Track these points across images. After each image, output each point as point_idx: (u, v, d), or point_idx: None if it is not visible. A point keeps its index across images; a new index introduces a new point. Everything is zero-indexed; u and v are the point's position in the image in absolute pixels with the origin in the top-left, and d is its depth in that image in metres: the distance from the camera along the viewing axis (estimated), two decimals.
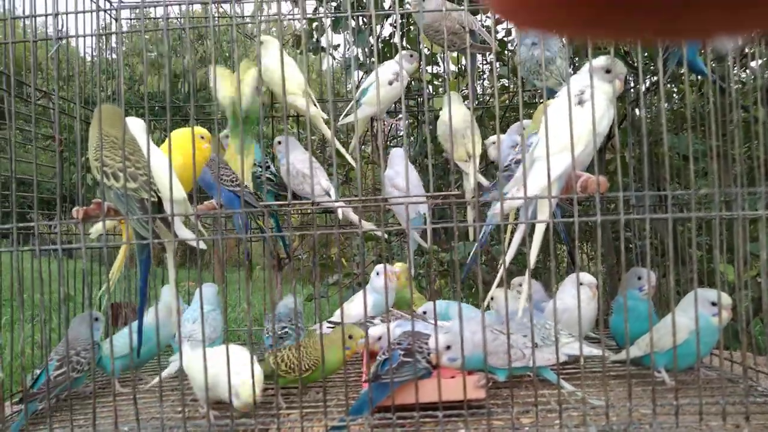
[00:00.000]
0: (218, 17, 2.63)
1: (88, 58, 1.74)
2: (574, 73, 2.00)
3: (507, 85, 2.84)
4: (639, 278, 1.71)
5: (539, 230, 1.30)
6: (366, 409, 1.25)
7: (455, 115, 1.91)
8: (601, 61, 1.31)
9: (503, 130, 2.13)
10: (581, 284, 1.67)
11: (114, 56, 2.20)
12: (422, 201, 1.65)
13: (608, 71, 1.28)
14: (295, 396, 1.50)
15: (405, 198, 1.47)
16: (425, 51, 2.69)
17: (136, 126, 1.43)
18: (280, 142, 2.10)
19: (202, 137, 1.46)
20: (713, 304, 1.45)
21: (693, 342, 1.35)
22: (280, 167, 2.11)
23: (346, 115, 2.14)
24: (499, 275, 1.44)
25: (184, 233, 1.36)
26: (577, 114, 1.19)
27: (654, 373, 1.44)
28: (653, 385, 1.23)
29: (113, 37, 2.17)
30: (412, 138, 3.01)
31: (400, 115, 2.25)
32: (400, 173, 1.85)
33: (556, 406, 1.24)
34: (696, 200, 1.46)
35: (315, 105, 2.01)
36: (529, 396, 1.32)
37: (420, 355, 1.32)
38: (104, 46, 1.90)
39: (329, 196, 1.97)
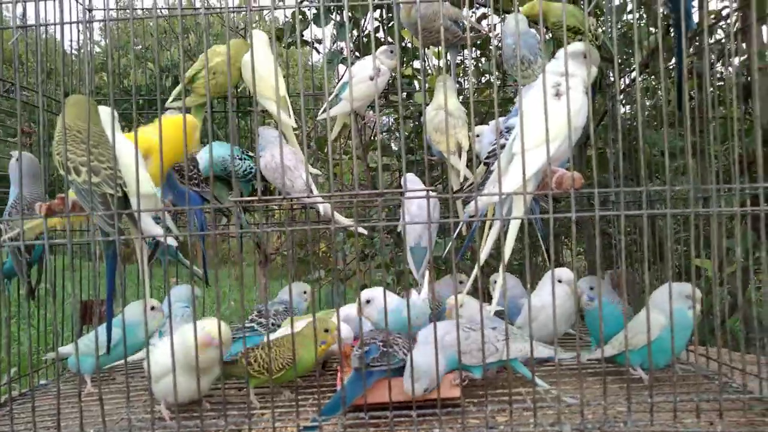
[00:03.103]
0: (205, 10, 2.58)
1: (69, 50, 1.68)
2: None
3: (491, 80, 2.82)
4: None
5: (514, 226, 1.28)
6: (339, 408, 1.23)
7: (450, 103, 1.89)
8: (577, 46, 1.29)
9: (483, 123, 2.13)
10: (560, 281, 1.67)
11: (98, 49, 2.13)
12: (420, 196, 1.62)
13: (585, 56, 1.26)
14: (269, 395, 1.47)
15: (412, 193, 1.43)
16: (408, 45, 2.67)
17: (106, 116, 1.39)
18: (259, 135, 2.06)
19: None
20: (687, 297, 1.44)
21: (667, 338, 1.35)
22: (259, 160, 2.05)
23: (324, 111, 2.11)
24: (474, 272, 1.42)
25: (153, 230, 1.32)
26: (554, 107, 1.18)
27: (630, 371, 1.44)
28: (628, 383, 1.22)
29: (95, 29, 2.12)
30: (396, 133, 2.99)
31: (371, 113, 2.21)
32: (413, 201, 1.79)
33: (531, 404, 1.23)
34: (674, 197, 1.46)
35: (289, 113, 1.97)
36: (504, 394, 1.30)
37: (397, 347, 1.30)
38: (88, 38, 1.84)
39: (311, 191, 1.94)
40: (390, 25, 2.63)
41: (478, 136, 2.02)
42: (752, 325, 1.55)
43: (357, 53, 2.49)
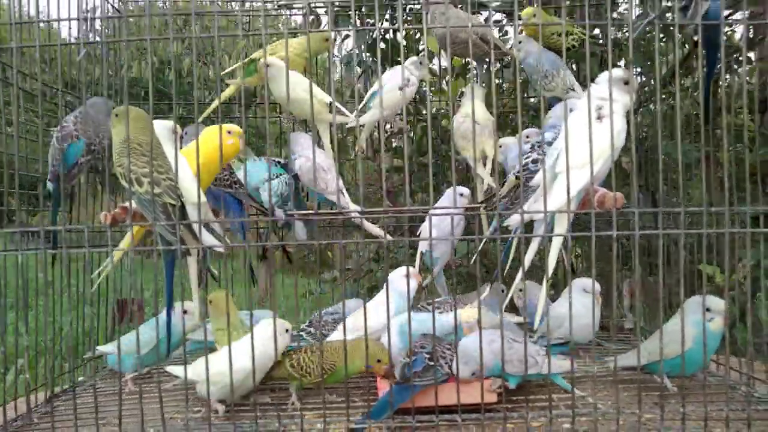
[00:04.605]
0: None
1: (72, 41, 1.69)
2: (578, 81, 2.08)
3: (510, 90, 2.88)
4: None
5: (556, 243, 1.34)
6: (386, 411, 1.29)
7: (477, 110, 1.95)
8: (619, 72, 1.34)
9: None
10: (584, 291, 1.73)
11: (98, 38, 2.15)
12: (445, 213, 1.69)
13: (626, 83, 1.32)
14: (309, 398, 1.54)
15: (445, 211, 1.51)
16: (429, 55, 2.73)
17: (162, 128, 1.44)
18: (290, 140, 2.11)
19: (230, 132, 1.47)
20: (708, 309, 1.50)
21: (695, 349, 1.41)
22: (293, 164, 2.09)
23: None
24: (515, 284, 1.48)
25: (207, 238, 1.37)
26: (596, 130, 1.23)
27: (656, 379, 1.50)
28: (661, 392, 1.29)
29: (97, 21, 2.13)
30: (411, 135, 3.03)
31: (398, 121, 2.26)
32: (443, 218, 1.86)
33: (567, 410, 1.29)
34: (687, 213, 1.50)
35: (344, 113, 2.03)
36: (540, 400, 1.37)
37: (443, 360, 1.35)
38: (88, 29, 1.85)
39: (343, 194, 1.99)
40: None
41: (500, 146, 2.09)
42: (760, 332, 1.61)
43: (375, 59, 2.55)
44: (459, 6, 2.26)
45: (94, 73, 2.10)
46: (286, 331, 1.46)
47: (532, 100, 2.58)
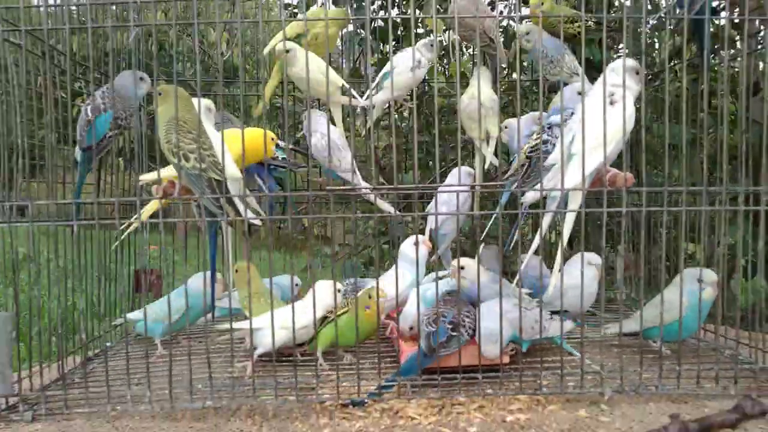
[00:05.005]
0: None
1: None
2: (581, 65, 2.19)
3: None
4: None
5: (570, 218, 1.46)
6: (415, 371, 1.41)
7: (483, 92, 2.05)
8: (631, 62, 1.45)
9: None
10: (589, 263, 1.87)
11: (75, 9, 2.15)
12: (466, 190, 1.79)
13: (637, 72, 1.43)
14: (333, 362, 1.66)
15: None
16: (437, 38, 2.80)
17: (200, 106, 1.51)
18: (304, 119, 2.19)
19: (273, 139, 1.57)
20: (699, 281, 1.65)
21: (689, 317, 1.55)
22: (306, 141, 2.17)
23: (367, 98, 2.24)
24: (528, 256, 1.60)
25: (247, 212, 1.46)
26: (609, 113, 1.34)
27: (650, 343, 1.65)
28: (660, 354, 1.43)
29: None
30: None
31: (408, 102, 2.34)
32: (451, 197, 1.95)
33: (576, 370, 1.43)
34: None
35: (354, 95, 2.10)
36: (548, 362, 1.50)
37: (464, 329, 1.47)
38: None
39: (355, 172, 2.08)
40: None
41: (506, 127, 2.19)
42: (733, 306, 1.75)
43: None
44: None
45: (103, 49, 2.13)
46: (339, 291, 1.60)
47: (527, 83, 2.68)
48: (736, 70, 2.26)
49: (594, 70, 2.42)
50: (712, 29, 1.93)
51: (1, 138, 1.44)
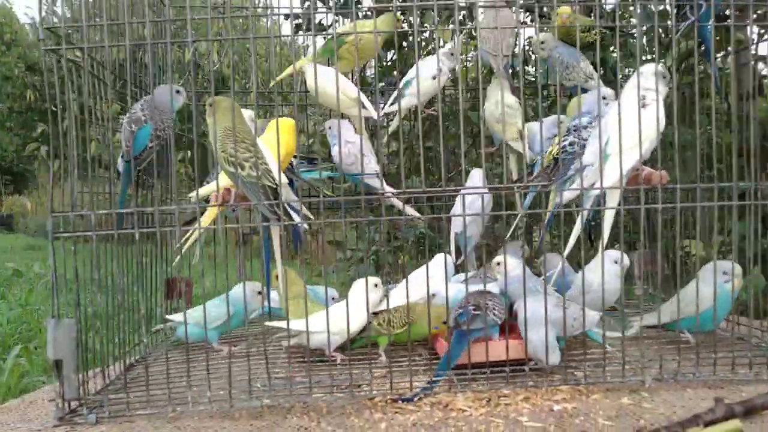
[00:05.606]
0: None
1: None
2: (596, 70, 2.28)
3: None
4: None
5: (609, 215, 1.53)
6: (447, 367, 1.52)
7: (507, 97, 2.13)
8: (660, 67, 1.53)
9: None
10: (615, 262, 1.93)
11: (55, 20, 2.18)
12: (479, 191, 1.85)
13: (664, 77, 1.52)
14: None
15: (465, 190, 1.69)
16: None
17: (245, 116, 1.58)
18: (330, 127, 2.25)
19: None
20: (725, 273, 1.72)
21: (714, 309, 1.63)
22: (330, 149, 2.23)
23: (390, 105, 2.31)
24: (564, 253, 1.66)
25: (295, 217, 1.52)
26: (642, 116, 1.42)
27: (679, 335, 1.72)
28: (698, 343, 1.51)
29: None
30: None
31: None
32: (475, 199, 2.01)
33: (615, 361, 1.50)
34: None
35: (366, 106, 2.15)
36: (591, 353, 1.57)
37: (489, 311, 1.56)
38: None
39: (378, 177, 2.14)
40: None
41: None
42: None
43: None
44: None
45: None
46: (375, 285, 1.71)
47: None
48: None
49: (610, 73, 2.52)
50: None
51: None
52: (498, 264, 1.73)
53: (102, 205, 1.74)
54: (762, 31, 2.59)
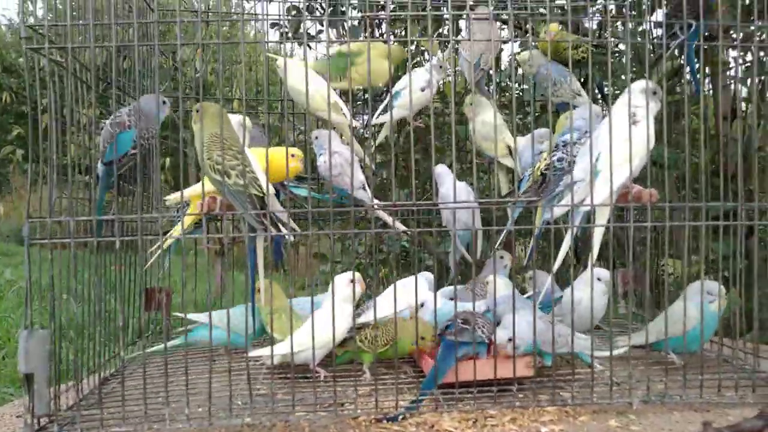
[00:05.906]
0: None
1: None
2: (584, 87, 2.29)
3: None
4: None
5: (599, 232, 1.52)
6: (433, 384, 1.49)
7: (492, 116, 2.13)
8: (650, 84, 1.54)
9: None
10: (598, 279, 1.92)
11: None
12: (471, 206, 1.84)
13: (655, 93, 1.52)
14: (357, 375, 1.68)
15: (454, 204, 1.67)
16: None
17: (233, 122, 1.54)
18: (317, 137, 2.21)
19: (293, 156, 1.60)
20: (708, 293, 1.71)
21: (697, 329, 1.62)
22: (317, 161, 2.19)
23: (378, 116, 2.29)
24: (553, 270, 1.65)
25: (282, 228, 1.48)
26: (633, 132, 1.42)
27: (665, 355, 1.71)
28: (685, 364, 1.49)
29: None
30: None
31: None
32: (450, 188, 1.98)
33: (602, 382, 1.48)
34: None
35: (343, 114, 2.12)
36: (577, 374, 1.55)
37: (476, 326, 1.54)
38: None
39: (365, 189, 2.11)
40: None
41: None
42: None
43: None
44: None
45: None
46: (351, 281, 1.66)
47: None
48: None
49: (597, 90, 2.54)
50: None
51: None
52: (486, 284, 1.71)
53: (81, 211, 1.69)
54: (742, 53, 2.63)
